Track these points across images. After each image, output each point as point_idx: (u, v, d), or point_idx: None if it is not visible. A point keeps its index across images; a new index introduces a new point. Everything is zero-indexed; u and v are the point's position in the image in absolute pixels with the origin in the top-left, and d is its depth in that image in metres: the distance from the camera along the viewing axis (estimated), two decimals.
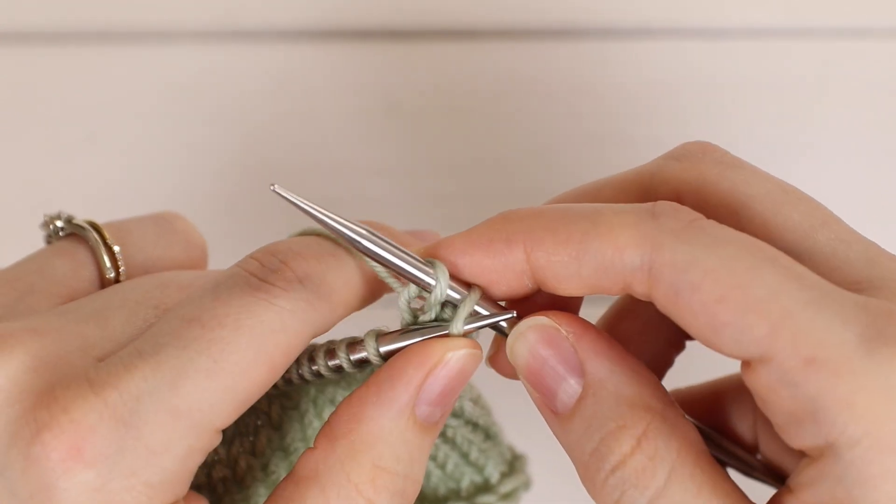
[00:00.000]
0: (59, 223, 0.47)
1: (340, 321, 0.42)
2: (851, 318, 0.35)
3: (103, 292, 0.43)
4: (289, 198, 0.40)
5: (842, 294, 0.36)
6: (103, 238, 0.46)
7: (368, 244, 0.41)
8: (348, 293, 0.41)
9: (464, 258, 0.41)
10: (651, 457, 0.38)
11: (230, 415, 0.38)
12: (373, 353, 0.41)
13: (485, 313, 0.41)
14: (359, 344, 0.42)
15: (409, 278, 0.41)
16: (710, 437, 0.48)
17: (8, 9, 0.73)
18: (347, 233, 0.41)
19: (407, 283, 0.41)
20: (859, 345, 0.35)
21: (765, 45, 0.72)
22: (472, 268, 0.41)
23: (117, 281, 0.46)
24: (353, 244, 0.41)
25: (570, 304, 0.44)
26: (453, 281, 0.41)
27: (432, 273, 0.41)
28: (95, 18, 0.73)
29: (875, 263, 0.39)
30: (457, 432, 0.49)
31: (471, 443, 0.50)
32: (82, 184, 0.73)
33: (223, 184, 0.72)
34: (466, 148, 0.72)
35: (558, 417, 0.40)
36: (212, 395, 0.37)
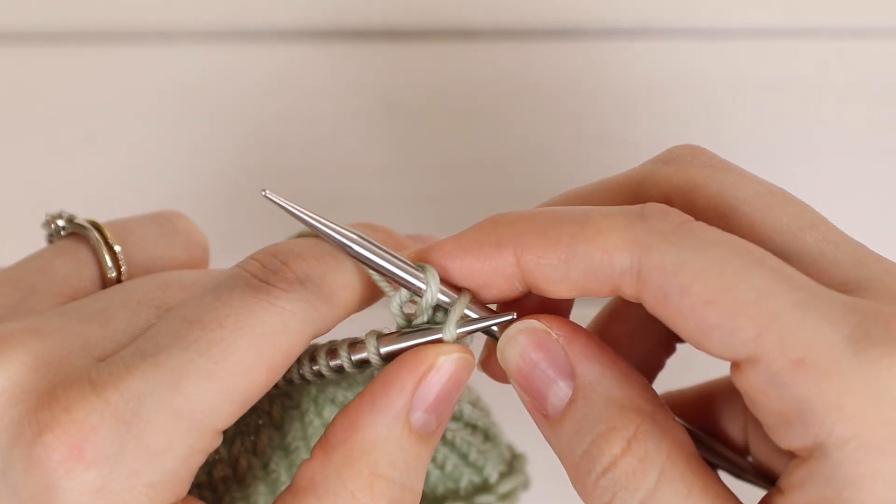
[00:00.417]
0: (61, 222, 0.47)
1: (341, 322, 0.42)
2: (839, 320, 0.35)
3: (105, 292, 0.43)
4: (280, 203, 0.40)
5: (830, 295, 0.36)
6: (105, 237, 0.46)
7: (359, 249, 0.41)
8: (349, 294, 0.41)
9: (454, 262, 0.41)
10: (641, 459, 0.38)
11: (231, 416, 0.38)
12: (373, 353, 0.41)
13: (475, 317, 0.41)
14: (360, 344, 0.42)
15: (400, 282, 0.41)
16: (700, 440, 0.48)
17: (8, 9, 0.73)
18: (337, 237, 0.41)
19: (399, 288, 0.41)
20: (847, 346, 0.35)
21: (765, 45, 0.72)
22: (463, 272, 0.41)
23: (119, 281, 0.45)
24: (344, 249, 0.41)
25: (560, 308, 0.44)
26: (444, 285, 0.41)
27: (423, 277, 0.41)
28: (95, 18, 0.73)
29: (863, 265, 0.39)
30: (456, 435, 0.49)
31: (470, 444, 0.50)
32: (82, 184, 0.73)
33: (223, 184, 0.72)
34: (466, 148, 0.72)
35: (548, 420, 0.40)
36: (213, 396, 0.37)
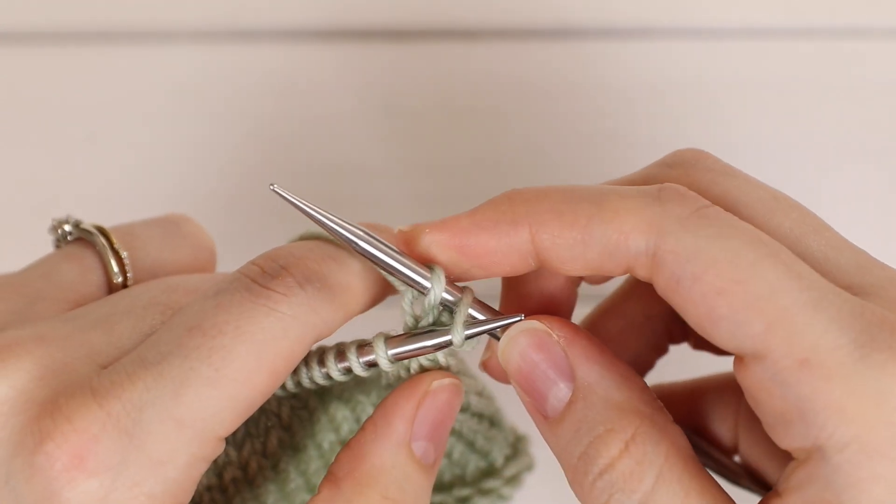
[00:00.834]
0: (68, 227, 0.47)
1: (343, 325, 0.42)
2: (847, 323, 0.35)
3: (110, 298, 0.43)
4: (287, 197, 0.40)
5: (839, 296, 0.36)
6: (111, 243, 0.46)
7: (365, 245, 0.41)
8: (350, 297, 0.41)
9: (469, 239, 0.41)
10: (639, 461, 0.38)
11: (233, 423, 0.38)
12: (381, 355, 0.42)
13: (482, 318, 0.41)
14: (368, 346, 0.42)
15: (405, 281, 0.41)
16: (696, 445, 0.48)
17: (8, 9, 0.73)
18: (345, 233, 0.41)
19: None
20: (853, 350, 0.35)
21: (765, 45, 0.72)
22: (477, 248, 0.41)
23: (125, 286, 0.46)
24: (351, 245, 0.41)
25: (561, 309, 0.44)
26: (449, 286, 0.41)
27: (428, 276, 0.41)
28: (95, 18, 0.73)
29: (866, 271, 0.39)
30: (463, 425, 0.49)
31: (476, 432, 0.50)
32: (82, 184, 0.73)
33: (223, 184, 0.72)
34: (466, 148, 0.72)
35: (548, 421, 0.40)
36: (214, 403, 0.37)
